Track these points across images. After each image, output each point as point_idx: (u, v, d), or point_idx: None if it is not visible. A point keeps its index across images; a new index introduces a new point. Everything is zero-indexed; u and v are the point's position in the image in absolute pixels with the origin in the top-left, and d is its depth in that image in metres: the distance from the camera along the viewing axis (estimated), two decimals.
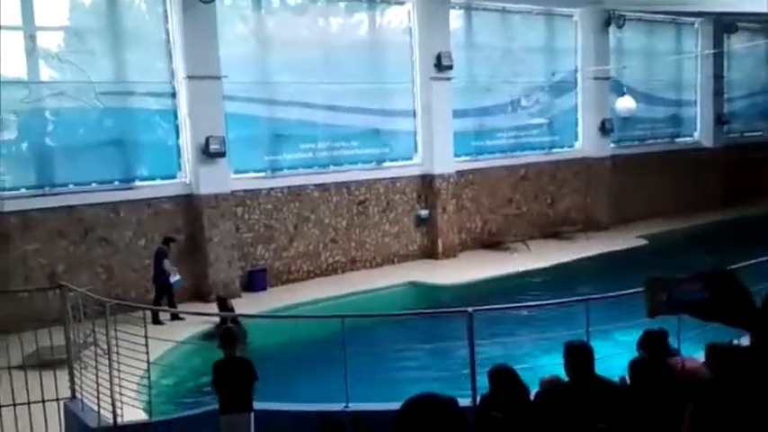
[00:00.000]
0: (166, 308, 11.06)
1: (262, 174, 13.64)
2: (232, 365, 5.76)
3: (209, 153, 12.29)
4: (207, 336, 10.06)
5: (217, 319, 10.09)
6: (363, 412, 6.26)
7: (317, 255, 14.12)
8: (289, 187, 13.78)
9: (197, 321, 10.59)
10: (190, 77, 12.21)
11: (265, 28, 13.60)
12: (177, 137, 12.63)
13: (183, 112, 12.49)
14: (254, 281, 13.08)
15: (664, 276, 2.74)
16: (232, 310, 10.96)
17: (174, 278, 11.46)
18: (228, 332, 6.06)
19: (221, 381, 5.76)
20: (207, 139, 12.24)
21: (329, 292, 12.74)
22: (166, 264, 11.33)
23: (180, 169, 12.70)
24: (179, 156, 12.67)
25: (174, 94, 12.51)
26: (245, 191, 13.24)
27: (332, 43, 14.34)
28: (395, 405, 2.12)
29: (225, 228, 12.70)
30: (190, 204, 12.57)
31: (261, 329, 9.80)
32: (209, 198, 12.52)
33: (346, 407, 6.37)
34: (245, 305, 11.95)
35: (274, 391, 6.85)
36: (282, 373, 8.37)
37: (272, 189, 13.60)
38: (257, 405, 5.87)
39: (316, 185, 14.12)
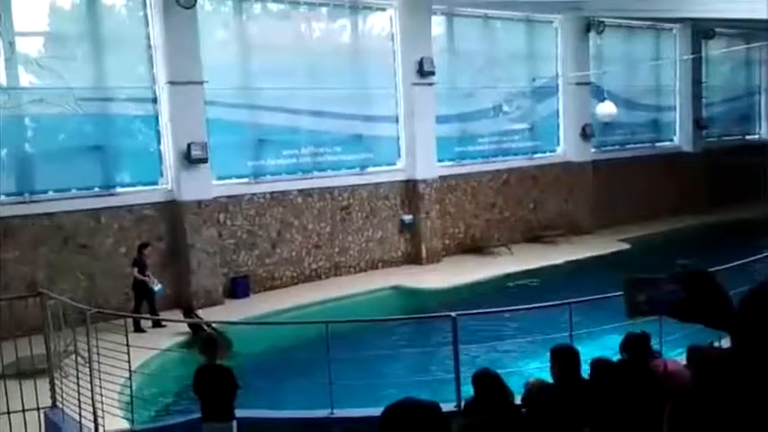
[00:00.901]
0: (148, 315, 10.96)
1: (244, 180, 13.58)
2: (213, 373, 5.72)
3: (190, 159, 12.21)
4: (189, 344, 9.98)
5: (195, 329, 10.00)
6: (348, 418, 6.25)
7: (300, 261, 14.08)
8: (272, 193, 13.73)
9: (180, 329, 10.50)
10: (171, 83, 12.15)
11: (247, 33, 13.57)
12: (159, 143, 12.55)
13: (164, 117, 12.41)
14: (237, 287, 13.00)
15: (641, 277, 2.76)
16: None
17: (157, 287, 11.39)
18: (209, 339, 6.02)
19: (203, 388, 5.71)
20: (189, 145, 12.17)
21: (313, 297, 12.69)
22: (135, 271, 11.22)
23: (161, 175, 12.61)
24: (160, 162, 12.58)
25: (155, 100, 12.43)
26: (228, 197, 13.18)
27: (314, 49, 14.34)
28: (379, 410, 2.12)
29: (207, 234, 12.62)
30: (172, 211, 12.48)
31: (244, 337, 9.74)
32: (192, 204, 12.44)
33: (331, 413, 6.35)
34: (228, 312, 11.88)
35: (257, 399, 6.81)
36: (266, 381, 8.33)
37: (254, 195, 13.54)
38: (240, 413, 5.84)
39: (299, 191, 14.08)
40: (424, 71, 15.04)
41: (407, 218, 15.36)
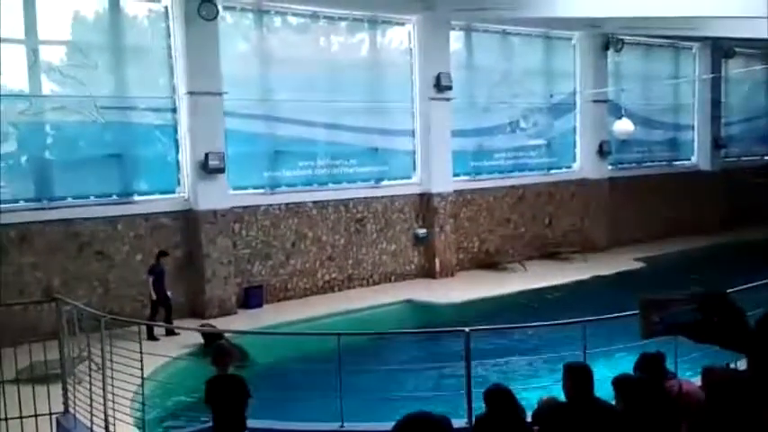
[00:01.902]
0: (162, 323, 11.00)
1: (260, 190, 13.66)
2: (225, 383, 5.71)
3: (208, 169, 12.31)
4: (203, 353, 10.00)
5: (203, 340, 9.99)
6: None
7: (313, 272, 14.10)
8: (287, 204, 13.79)
9: (193, 337, 10.53)
10: (191, 93, 12.27)
11: (267, 46, 13.69)
12: (177, 152, 12.66)
13: (183, 127, 12.53)
14: (251, 298, 13.04)
15: (657, 298, 2.74)
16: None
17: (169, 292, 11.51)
18: (221, 349, 6.01)
19: (214, 399, 5.71)
20: (206, 155, 12.27)
21: (326, 309, 12.69)
22: (151, 280, 11.27)
23: (179, 185, 12.71)
24: (178, 171, 12.69)
25: (174, 110, 12.56)
26: (244, 207, 13.25)
27: (333, 62, 14.44)
28: (390, 425, 2.11)
29: (222, 244, 12.68)
30: (188, 220, 12.57)
31: (256, 347, 9.75)
32: (208, 214, 12.52)
33: (341, 426, 6.33)
34: (241, 322, 11.90)
35: (269, 410, 6.80)
36: (277, 391, 8.32)
37: (270, 206, 13.60)
38: (251, 423, 5.82)
39: (314, 203, 14.13)
40: (441, 86, 15.08)
41: (421, 231, 15.34)
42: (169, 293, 11.47)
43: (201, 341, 10.31)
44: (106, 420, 6.38)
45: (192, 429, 6.79)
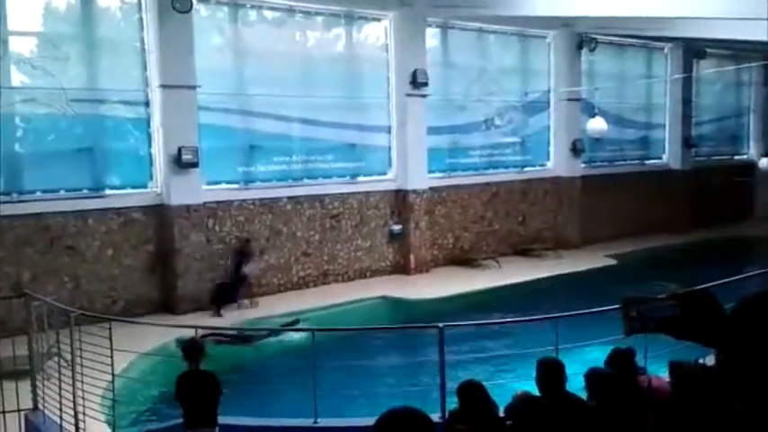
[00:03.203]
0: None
1: (234, 185, 13.55)
2: (196, 379, 5.67)
3: (181, 163, 12.18)
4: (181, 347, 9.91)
5: (182, 332, 9.91)
6: (332, 428, 6.22)
7: (288, 268, 14.04)
8: (261, 199, 13.71)
9: (166, 333, 10.41)
10: (164, 87, 12.12)
11: (242, 39, 13.58)
12: (149, 146, 12.50)
13: (156, 121, 12.38)
14: (224, 294, 12.92)
15: (639, 296, 2.77)
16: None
17: (249, 270, 12.82)
18: (192, 344, 5.96)
19: (185, 394, 5.66)
20: (179, 150, 12.15)
21: (300, 305, 12.65)
22: (251, 263, 12.79)
23: (151, 179, 12.56)
24: (151, 165, 12.54)
25: (147, 103, 12.39)
26: (218, 202, 13.14)
27: (309, 57, 14.38)
28: (364, 420, 2.12)
29: (195, 239, 12.57)
30: (160, 215, 12.43)
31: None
32: (181, 209, 12.40)
33: (315, 422, 6.32)
34: (215, 318, 11.81)
35: (241, 406, 6.77)
36: (250, 388, 8.28)
37: (244, 201, 13.52)
38: (223, 420, 5.79)
39: (289, 198, 14.07)
40: (417, 82, 15.11)
41: (397, 228, 15.36)
42: (247, 272, 12.64)
43: (177, 335, 10.22)
44: (76, 417, 6.30)
45: (163, 426, 6.73)
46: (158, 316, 11.75)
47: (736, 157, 24.15)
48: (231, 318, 11.88)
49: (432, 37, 16.16)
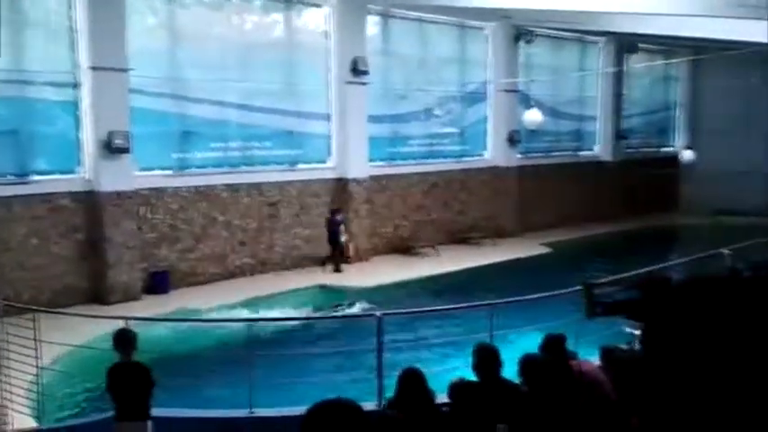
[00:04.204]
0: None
1: (168, 172, 13.20)
2: (128, 370, 5.51)
3: (112, 148, 11.78)
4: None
5: (120, 324, 9.63)
6: (268, 418, 6.16)
7: (224, 257, 13.80)
8: (197, 187, 13.41)
9: (96, 324, 10.08)
10: (94, 68, 11.67)
11: (177, 21, 13.18)
12: (78, 130, 12.03)
13: (85, 104, 11.91)
14: (157, 283, 12.62)
15: (599, 281, 2.83)
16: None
17: (343, 237, 14.51)
18: (124, 334, 5.77)
19: (117, 386, 5.49)
20: (110, 134, 11.74)
21: (236, 295, 12.47)
22: (341, 231, 14.49)
23: (80, 164, 12.09)
24: (79, 150, 12.06)
25: (76, 86, 11.91)
26: (150, 189, 12.78)
27: (246, 42, 14.09)
28: (300, 410, 2.08)
29: (127, 227, 12.20)
30: (90, 202, 12.00)
31: (162, 334, 9.46)
32: (111, 195, 11.99)
33: (250, 412, 6.24)
34: (147, 308, 11.51)
35: (175, 398, 6.62)
36: (184, 379, 8.12)
37: (178, 188, 13.18)
38: (156, 412, 5.65)
39: (225, 186, 13.81)
40: (357, 70, 15.04)
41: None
42: (342, 239, 14.50)
43: (109, 327, 9.91)
44: (0, 411, 6.03)
45: (92, 419, 6.53)
46: (88, 306, 11.37)
47: (663, 150, 25.09)
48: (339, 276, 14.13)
49: (373, 25, 16.11)
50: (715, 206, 21.33)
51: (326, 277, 14.05)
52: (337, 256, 14.52)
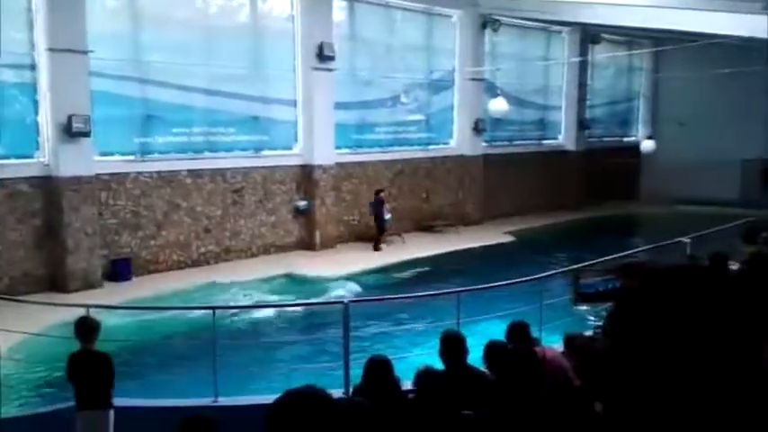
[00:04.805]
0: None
1: (130, 157, 12.93)
2: (89, 359, 5.40)
3: (71, 132, 11.48)
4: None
5: (80, 312, 9.44)
6: (232, 407, 6.11)
7: (188, 244, 13.62)
8: (159, 172, 13.17)
9: (56, 311, 9.86)
10: (52, 50, 11.34)
11: (139, 3, 12.87)
12: (36, 113, 11.69)
13: (43, 86, 11.58)
14: (118, 270, 12.40)
15: (585, 270, 2.86)
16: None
17: (387, 216, 15.55)
18: (85, 322, 5.65)
19: (77, 375, 5.38)
20: (69, 118, 11.44)
21: (200, 283, 12.31)
22: (386, 210, 15.55)
23: (38, 149, 11.76)
24: (37, 134, 11.74)
25: (33, 67, 11.56)
26: (111, 174, 12.51)
27: (211, 25, 13.83)
28: (266, 398, 2.06)
29: (87, 213, 11.93)
30: (48, 187, 11.69)
31: (124, 322, 9.30)
32: (70, 181, 11.71)
33: (215, 401, 6.18)
34: (108, 296, 11.29)
35: (137, 387, 6.53)
36: (147, 368, 8.01)
37: (140, 173, 12.93)
38: (118, 402, 5.56)
39: (189, 171, 13.59)
40: (323, 56, 14.91)
41: (302, 203, 15.21)
42: (387, 217, 15.54)
43: (63, 318, 9.71)
44: None
45: (52, 408, 6.39)
46: (47, 294, 11.11)
47: (625, 140, 25.49)
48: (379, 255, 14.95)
49: (339, 10, 15.97)
50: (675, 195, 21.78)
51: (294, 265, 13.94)
52: (379, 236, 15.51)
